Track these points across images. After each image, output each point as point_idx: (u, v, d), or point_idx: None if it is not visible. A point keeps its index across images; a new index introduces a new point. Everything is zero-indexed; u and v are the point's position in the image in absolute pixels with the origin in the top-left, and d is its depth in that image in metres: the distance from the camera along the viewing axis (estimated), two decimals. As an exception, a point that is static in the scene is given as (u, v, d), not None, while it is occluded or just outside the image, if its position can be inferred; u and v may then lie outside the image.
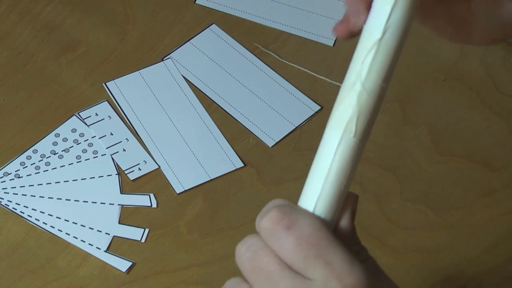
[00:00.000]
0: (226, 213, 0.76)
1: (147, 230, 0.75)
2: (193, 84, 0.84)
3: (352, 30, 0.50)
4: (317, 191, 0.48)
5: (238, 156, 0.79)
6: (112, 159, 0.79)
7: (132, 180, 0.78)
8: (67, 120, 0.81)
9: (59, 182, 0.77)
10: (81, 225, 0.75)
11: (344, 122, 0.47)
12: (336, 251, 0.44)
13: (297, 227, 0.45)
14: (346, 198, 0.48)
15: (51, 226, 0.75)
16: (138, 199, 0.77)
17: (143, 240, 0.74)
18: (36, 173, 0.78)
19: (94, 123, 0.81)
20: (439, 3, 0.54)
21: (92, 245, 0.74)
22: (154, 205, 0.76)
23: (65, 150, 0.79)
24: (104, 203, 0.76)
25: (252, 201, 0.77)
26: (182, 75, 0.85)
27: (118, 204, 0.76)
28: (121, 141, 0.80)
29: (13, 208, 0.76)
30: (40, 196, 0.76)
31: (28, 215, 0.75)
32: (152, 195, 0.77)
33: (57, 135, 0.80)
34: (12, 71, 0.85)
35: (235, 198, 0.77)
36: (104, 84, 0.84)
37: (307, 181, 0.49)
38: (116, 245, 0.74)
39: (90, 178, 0.78)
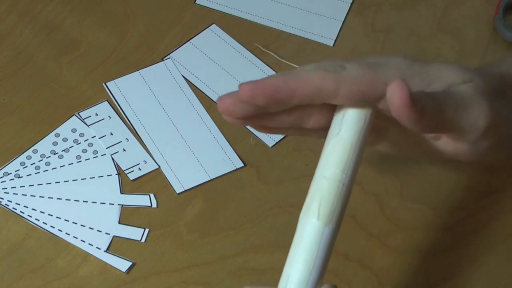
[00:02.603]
0: (226, 213, 0.76)
1: (147, 230, 0.75)
2: (193, 84, 0.84)
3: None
4: (287, 275, 0.51)
5: (238, 156, 0.79)
6: (112, 159, 0.79)
7: (132, 180, 0.78)
8: (67, 120, 0.81)
9: (59, 182, 0.77)
10: (81, 225, 0.75)
11: (309, 206, 0.52)
12: None
13: None
14: None
15: (51, 226, 0.75)
16: (138, 199, 0.77)
17: (143, 240, 0.74)
18: (36, 173, 0.78)
19: (94, 123, 0.81)
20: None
21: (92, 245, 0.74)
22: (154, 205, 0.76)
23: (65, 150, 0.79)
24: (104, 203, 0.76)
25: (252, 201, 0.77)
26: (182, 75, 0.85)
27: (118, 204, 0.76)
28: (121, 141, 0.80)
29: (13, 208, 0.76)
30: (40, 196, 0.76)
31: (28, 215, 0.75)
32: (152, 195, 0.77)
33: (57, 135, 0.80)
34: (12, 71, 0.85)
35: (235, 198, 0.77)
36: (104, 84, 0.84)
37: (285, 264, 0.52)
38: (116, 245, 0.74)
39: (90, 178, 0.78)
